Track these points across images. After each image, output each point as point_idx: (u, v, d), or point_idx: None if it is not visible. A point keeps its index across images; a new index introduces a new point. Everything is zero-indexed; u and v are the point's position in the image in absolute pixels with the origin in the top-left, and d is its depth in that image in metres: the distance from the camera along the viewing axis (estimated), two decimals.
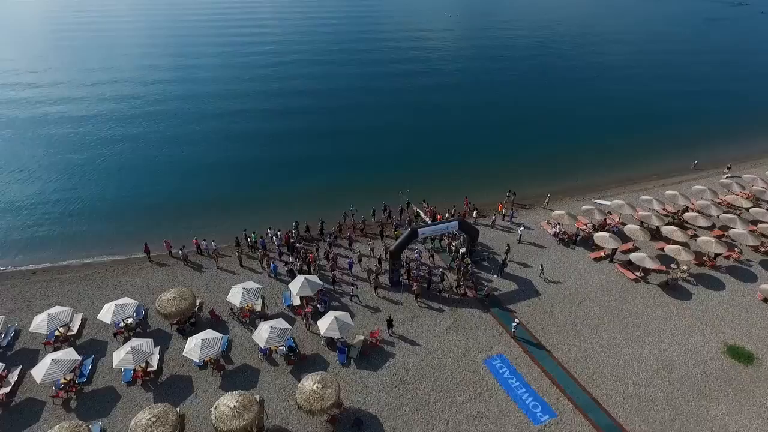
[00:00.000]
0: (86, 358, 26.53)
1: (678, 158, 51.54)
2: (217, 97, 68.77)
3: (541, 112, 64.23)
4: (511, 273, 33.96)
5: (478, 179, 46.63)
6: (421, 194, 42.59)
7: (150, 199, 43.10)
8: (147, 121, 60.38)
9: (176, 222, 39.47)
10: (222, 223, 38.87)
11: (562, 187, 46.04)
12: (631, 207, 38.40)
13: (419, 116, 62.71)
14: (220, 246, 35.99)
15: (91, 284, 32.50)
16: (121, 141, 54.71)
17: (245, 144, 54.33)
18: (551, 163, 50.20)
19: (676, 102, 69.06)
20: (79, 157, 50.79)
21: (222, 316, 29.80)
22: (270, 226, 36.77)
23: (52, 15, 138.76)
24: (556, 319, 30.05)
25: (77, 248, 36.55)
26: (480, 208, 40.89)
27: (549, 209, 41.37)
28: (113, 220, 40.33)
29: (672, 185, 45.76)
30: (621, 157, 51.61)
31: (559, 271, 34.22)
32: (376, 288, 31.75)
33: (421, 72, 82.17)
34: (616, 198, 43.18)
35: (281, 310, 30.38)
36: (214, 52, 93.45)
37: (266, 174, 47.89)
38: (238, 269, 33.95)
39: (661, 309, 30.89)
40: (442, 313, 30.33)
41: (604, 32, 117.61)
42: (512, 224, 39.53)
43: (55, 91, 70.40)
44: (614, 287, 32.73)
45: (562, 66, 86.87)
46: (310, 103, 66.23)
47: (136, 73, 79.22)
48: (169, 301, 28.02)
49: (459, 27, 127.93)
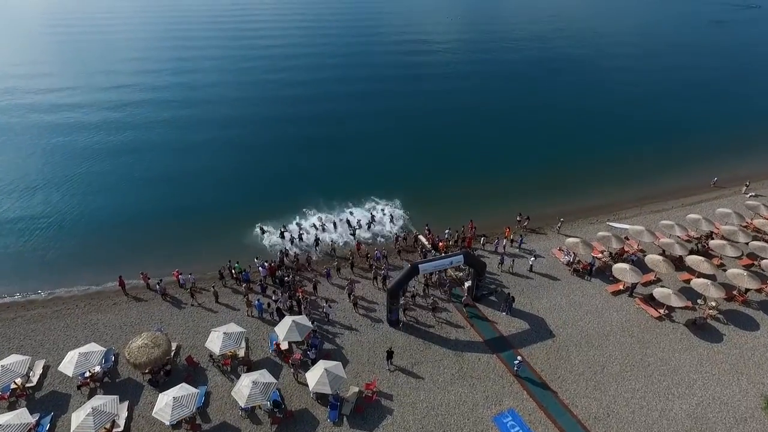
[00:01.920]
0: (44, 416, 23.48)
1: (696, 174, 48.35)
2: (208, 104, 65.76)
3: (548, 123, 60.88)
4: (522, 309, 30.84)
5: (482, 197, 43.47)
6: (421, 215, 39.75)
7: (128, 223, 39.61)
8: (123, 136, 56.30)
9: (156, 248, 36.32)
10: (206, 250, 35.78)
11: (573, 206, 42.91)
12: (651, 233, 35.23)
13: (419, 127, 59.52)
14: (203, 276, 33.15)
15: (58, 323, 29.45)
16: (95, 158, 50.73)
17: (233, 159, 50.88)
18: (560, 179, 46.91)
19: (693, 112, 65.59)
20: (48, 174, 47.23)
21: (200, 362, 26.74)
22: (257, 255, 33.77)
23: (44, 20, 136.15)
24: (573, 365, 26.94)
25: (46, 278, 33.39)
26: (486, 229, 37.94)
27: (562, 234, 38.26)
28: (86, 245, 36.99)
29: (692, 205, 42.67)
30: (635, 173, 48.40)
31: (574, 307, 31.09)
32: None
33: (421, 80, 79.01)
34: (633, 219, 40.20)
35: (267, 355, 27.33)
36: (195, 67, 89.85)
37: (256, 193, 44.54)
38: (220, 307, 30.87)
39: (690, 353, 27.76)
40: (446, 359, 27.24)
41: (613, 37, 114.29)
42: (521, 251, 36.42)
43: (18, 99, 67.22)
44: (636, 327, 29.59)
45: (570, 70, 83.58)
46: (299, 116, 62.45)
47: (102, 92, 73.91)
48: (140, 349, 24.95)
49: (459, 30, 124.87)
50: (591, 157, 51.46)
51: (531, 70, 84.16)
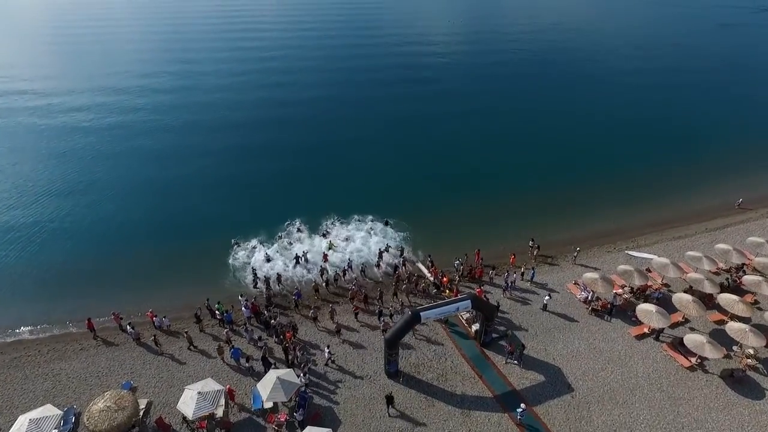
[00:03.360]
0: None
1: (718, 193, 44.86)
2: (193, 126, 60.31)
3: (558, 138, 56.92)
4: (535, 357, 27.58)
5: (486, 219, 40.42)
6: (419, 238, 36.70)
7: (99, 253, 35.95)
8: (97, 158, 51.22)
9: (130, 280, 33.08)
10: (185, 282, 32.58)
11: (586, 230, 39.65)
12: (677, 266, 31.90)
13: (417, 143, 55.58)
14: (180, 316, 30.04)
15: (16, 373, 26.28)
16: (65, 181, 46.32)
17: (213, 179, 46.54)
18: (571, 199, 43.40)
19: (712, 124, 61.43)
20: (10, 197, 43.28)
21: (173, 425, 23.56)
22: (242, 292, 30.58)
23: (33, 24, 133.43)
24: (595, 427, 23.68)
25: (6, 319, 30.11)
26: (493, 258, 34.90)
27: (578, 264, 35.02)
28: (54, 280, 33.36)
29: (717, 230, 39.40)
30: (652, 193, 44.94)
31: (594, 354, 27.81)
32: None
33: (423, 91, 75.22)
34: (654, 247, 36.96)
35: (249, 415, 24.14)
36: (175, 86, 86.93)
37: (239, 214, 40.59)
38: (196, 355, 27.65)
39: (729, 413, 24.47)
40: (452, 419, 23.98)
41: (623, 44, 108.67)
42: (534, 284, 33.14)
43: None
44: (665, 378, 26.30)
45: (579, 81, 79.16)
46: (286, 138, 57.73)
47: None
48: (102, 413, 21.77)
49: (462, 34, 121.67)
50: (604, 175, 47.96)
51: (538, 80, 79.91)
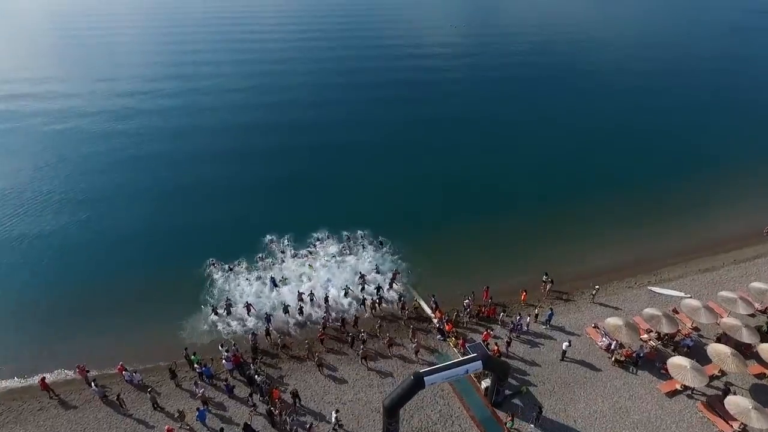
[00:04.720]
0: None
1: (743, 218, 41.40)
2: (185, 135, 57.83)
3: (567, 156, 52.88)
4: (554, 419, 24.31)
5: (493, 247, 37.05)
6: (419, 268, 33.75)
7: (63, 294, 32.10)
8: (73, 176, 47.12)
9: (98, 332, 29.11)
10: (160, 328, 29.24)
11: (605, 259, 36.31)
12: (709, 310, 28.56)
13: (415, 160, 51.52)
14: (156, 367, 26.92)
15: None
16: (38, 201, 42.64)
17: (196, 204, 42.61)
18: (585, 221, 40.19)
19: (733, 140, 57.04)
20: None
21: None
22: (222, 342, 27.34)
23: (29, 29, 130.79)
24: None
25: None
26: (502, 295, 31.88)
27: (597, 303, 31.77)
28: (9, 322, 30.00)
29: (746, 262, 36.16)
30: (672, 218, 40.99)
31: (620, 415, 24.51)
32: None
33: (426, 94, 72.36)
34: (679, 282, 33.75)
35: None
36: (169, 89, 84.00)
37: (217, 241, 36.86)
38: (164, 417, 24.41)
39: None
40: None
41: (634, 52, 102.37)
42: (549, 328, 29.85)
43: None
44: None
45: (590, 93, 74.14)
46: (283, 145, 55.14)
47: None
48: None
49: (464, 41, 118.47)
50: (620, 196, 44.17)
51: (545, 90, 75.98)
